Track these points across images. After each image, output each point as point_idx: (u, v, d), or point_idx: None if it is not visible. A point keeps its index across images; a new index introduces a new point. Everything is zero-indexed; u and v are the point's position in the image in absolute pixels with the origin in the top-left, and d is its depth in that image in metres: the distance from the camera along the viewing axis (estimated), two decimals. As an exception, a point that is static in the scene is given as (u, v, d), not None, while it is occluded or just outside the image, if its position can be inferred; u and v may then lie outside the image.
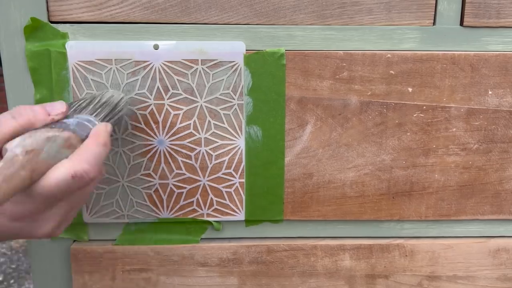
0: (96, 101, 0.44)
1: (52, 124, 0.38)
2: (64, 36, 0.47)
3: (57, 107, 0.39)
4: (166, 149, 0.50)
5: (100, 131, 0.39)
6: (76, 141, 0.38)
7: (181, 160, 0.50)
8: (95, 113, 0.42)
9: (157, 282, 0.53)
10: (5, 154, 0.35)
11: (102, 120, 0.42)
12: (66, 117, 0.40)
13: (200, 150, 0.50)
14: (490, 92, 0.49)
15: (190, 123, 0.49)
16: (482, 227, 0.55)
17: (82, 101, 0.43)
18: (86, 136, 0.39)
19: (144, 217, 0.52)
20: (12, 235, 0.37)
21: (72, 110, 0.42)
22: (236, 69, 0.48)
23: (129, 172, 0.50)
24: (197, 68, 0.48)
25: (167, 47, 0.47)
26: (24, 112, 0.38)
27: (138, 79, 0.48)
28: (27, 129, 0.37)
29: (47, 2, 0.46)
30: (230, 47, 0.47)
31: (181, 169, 0.50)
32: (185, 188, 0.51)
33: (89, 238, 0.53)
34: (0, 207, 0.35)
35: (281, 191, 0.52)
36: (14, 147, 0.35)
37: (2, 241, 0.40)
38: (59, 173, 0.35)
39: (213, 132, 0.49)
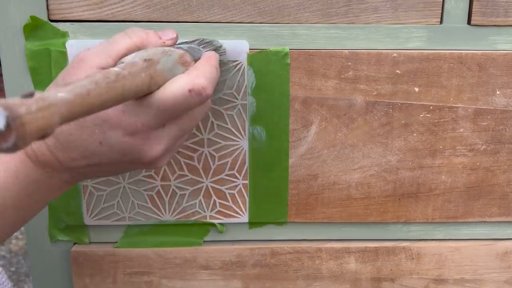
0: (202, 40, 0.44)
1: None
2: (64, 35, 0.46)
3: (169, 33, 0.40)
4: (168, 150, 0.49)
5: (212, 55, 0.40)
6: (190, 60, 0.38)
7: (184, 161, 0.49)
8: (202, 46, 0.42)
9: (159, 285, 0.53)
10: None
11: None
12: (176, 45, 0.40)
13: (202, 151, 0.49)
14: (498, 92, 0.49)
15: (193, 124, 0.48)
16: (490, 229, 0.54)
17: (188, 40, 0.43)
18: (199, 58, 0.39)
19: (146, 220, 0.51)
20: (122, 154, 0.36)
21: (180, 42, 0.42)
22: (239, 69, 0.47)
23: (130, 174, 0.49)
24: (199, 68, 0.47)
25: (169, 46, 0.46)
26: (138, 33, 0.38)
27: (139, 78, 0.47)
28: (140, 48, 0.38)
29: (47, 1, 0.45)
30: (233, 46, 0.47)
31: (183, 170, 0.50)
32: (188, 189, 0.50)
33: (90, 241, 0.52)
34: (117, 119, 0.35)
35: (285, 193, 0.51)
36: (132, 58, 0.35)
37: (108, 171, 0.40)
38: (177, 85, 0.35)
39: (216, 132, 0.49)
